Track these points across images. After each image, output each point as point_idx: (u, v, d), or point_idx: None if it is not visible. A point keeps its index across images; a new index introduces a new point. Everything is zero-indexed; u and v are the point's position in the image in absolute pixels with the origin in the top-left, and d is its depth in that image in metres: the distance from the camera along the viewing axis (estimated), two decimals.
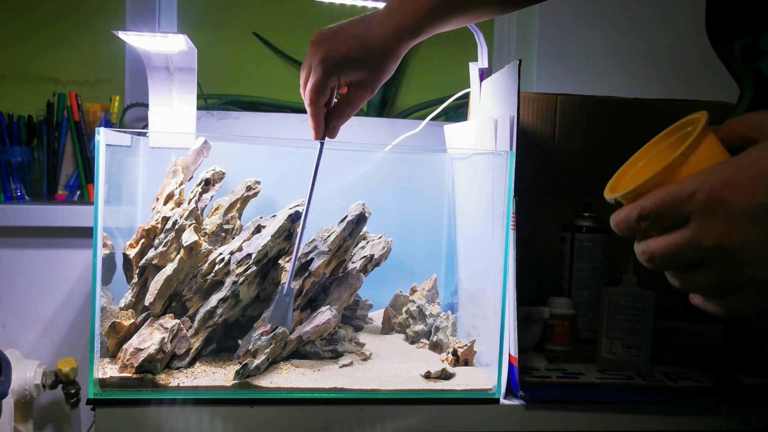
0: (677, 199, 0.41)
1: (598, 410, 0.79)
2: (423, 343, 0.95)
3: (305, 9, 1.48)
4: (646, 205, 0.42)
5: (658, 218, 0.42)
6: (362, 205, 0.91)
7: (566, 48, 1.37)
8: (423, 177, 1.13)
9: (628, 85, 1.36)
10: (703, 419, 0.80)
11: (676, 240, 0.42)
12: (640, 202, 0.43)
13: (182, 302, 0.83)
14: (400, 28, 0.74)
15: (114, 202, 0.86)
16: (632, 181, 0.45)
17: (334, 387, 0.77)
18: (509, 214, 0.78)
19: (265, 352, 0.78)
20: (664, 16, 1.40)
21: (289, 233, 0.87)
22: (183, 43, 0.92)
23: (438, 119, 1.09)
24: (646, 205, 0.43)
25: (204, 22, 1.47)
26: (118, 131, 0.88)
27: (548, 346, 0.98)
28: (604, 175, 1.26)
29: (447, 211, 1.11)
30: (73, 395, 1.18)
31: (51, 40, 1.39)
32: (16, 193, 1.24)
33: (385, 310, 1.03)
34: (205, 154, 0.93)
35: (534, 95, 1.10)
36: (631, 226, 0.44)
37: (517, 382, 0.78)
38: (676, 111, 1.12)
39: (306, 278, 0.86)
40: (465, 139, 1.01)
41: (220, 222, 0.91)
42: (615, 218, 0.45)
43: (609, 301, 0.90)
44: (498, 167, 0.82)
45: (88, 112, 1.27)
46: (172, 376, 0.76)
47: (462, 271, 1.04)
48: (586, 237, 1.03)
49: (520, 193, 0.78)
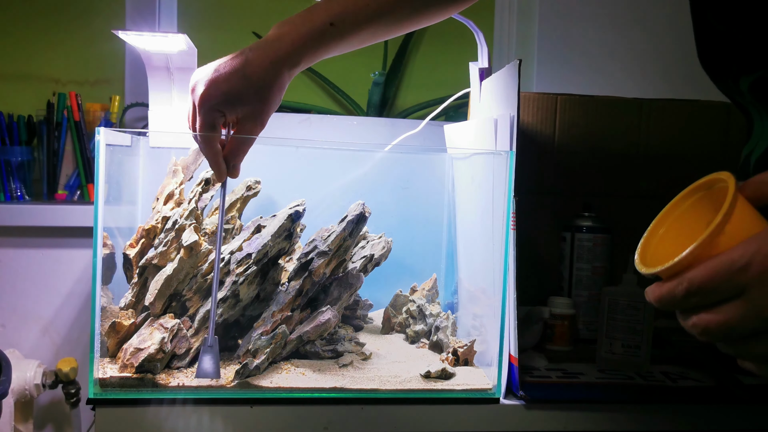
0: (729, 272, 0.41)
1: (598, 410, 0.79)
2: (423, 343, 0.95)
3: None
4: (695, 281, 0.42)
5: (710, 293, 0.42)
6: (362, 204, 0.91)
7: (566, 48, 1.37)
8: (423, 177, 1.13)
9: (629, 85, 1.36)
10: (703, 419, 0.80)
11: (733, 313, 0.42)
12: (686, 277, 0.42)
13: (182, 302, 0.83)
14: (278, 58, 0.72)
15: (114, 201, 0.86)
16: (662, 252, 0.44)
17: (334, 387, 0.77)
18: (509, 214, 0.78)
19: (265, 352, 0.78)
20: (664, 16, 1.40)
21: (289, 233, 0.87)
22: (183, 43, 0.92)
23: (438, 119, 1.09)
24: (694, 280, 0.42)
25: (204, 22, 1.47)
26: (118, 131, 0.88)
27: (548, 346, 0.98)
28: (604, 175, 1.27)
29: (447, 211, 1.11)
30: (73, 395, 1.18)
31: (51, 40, 1.39)
32: (16, 192, 1.24)
33: (385, 310, 1.03)
34: None
35: (534, 95, 1.10)
36: (677, 301, 0.43)
37: (517, 381, 0.77)
38: (676, 111, 1.12)
39: (306, 278, 0.86)
40: (465, 138, 1.01)
41: None
42: (655, 293, 0.45)
43: (609, 301, 0.90)
44: (498, 167, 0.82)
45: (88, 111, 1.27)
46: (172, 375, 0.76)
47: (462, 271, 1.04)
48: (586, 237, 1.03)
49: (520, 193, 0.78)
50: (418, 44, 1.51)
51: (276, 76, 0.72)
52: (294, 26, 0.73)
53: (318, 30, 0.73)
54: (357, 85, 1.48)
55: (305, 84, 1.50)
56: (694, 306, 0.43)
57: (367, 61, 1.50)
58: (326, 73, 1.47)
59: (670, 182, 1.13)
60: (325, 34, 0.73)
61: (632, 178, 1.13)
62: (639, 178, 1.13)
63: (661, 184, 1.13)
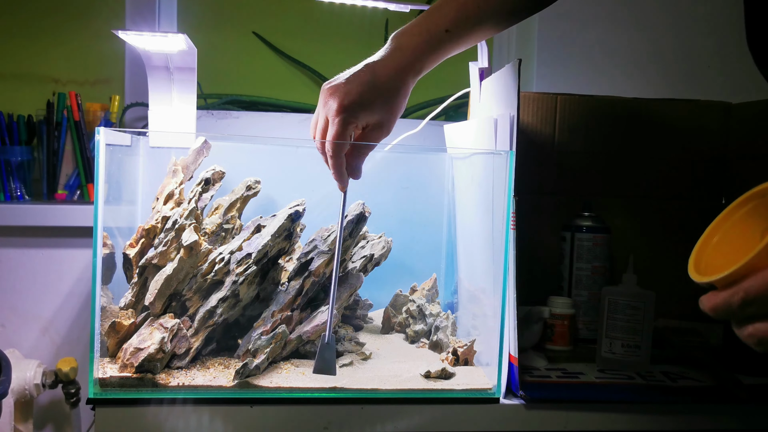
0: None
1: (598, 410, 0.79)
2: (423, 343, 0.95)
3: (305, 9, 1.48)
4: (752, 290, 0.42)
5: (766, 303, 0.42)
6: (362, 204, 0.91)
7: (566, 48, 1.37)
8: (423, 177, 1.13)
9: (629, 84, 1.36)
10: (703, 419, 0.80)
11: None
12: (742, 287, 0.42)
13: (182, 302, 0.83)
14: (402, 67, 0.78)
15: (114, 201, 0.86)
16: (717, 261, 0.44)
17: (334, 387, 0.77)
18: (509, 214, 0.78)
19: (265, 352, 0.78)
20: (664, 16, 1.40)
21: (289, 233, 0.87)
22: (183, 43, 0.92)
23: (438, 119, 1.09)
24: (751, 290, 0.42)
25: (204, 22, 1.47)
26: (118, 131, 0.88)
27: (548, 345, 0.98)
28: (604, 175, 1.27)
29: (447, 210, 1.11)
30: (73, 395, 1.18)
31: (51, 40, 1.39)
32: (16, 192, 1.24)
33: (385, 310, 1.03)
34: (205, 154, 0.93)
35: (534, 95, 1.10)
36: (732, 311, 0.43)
37: (517, 381, 0.77)
38: (676, 110, 1.13)
39: (306, 278, 0.86)
40: (465, 138, 1.01)
41: (220, 222, 0.91)
42: (710, 303, 0.45)
43: (609, 301, 0.90)
44: (498, 167, 0.82)
45: (88, 111, 1.27)
46: (172, 375, 0.76)
47: (462, 270, 1.04)
48: (586, 237, 1.03)
49: (520, 192, 0.78)
50: None
51: (402, 84, 0.79)
52: (412, 36, 0.79)
53: (435, 38, 0.78)
54: None
55: (305, 84, 1.50)
56: (750, 316, 0.43)
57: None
58: (326, 73, 1.47)
59: (671, 182, 1.13)
60: (442, 41, 0.79)
61: (632, 178, 1.13)
62: (639, 178, 1.13)
63: (661, 184, 1.13)
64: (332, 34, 1.48)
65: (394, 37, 0.80)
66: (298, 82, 1.49)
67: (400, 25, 0.81)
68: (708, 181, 1.14)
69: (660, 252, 1.09)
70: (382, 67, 0.78)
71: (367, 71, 0.77)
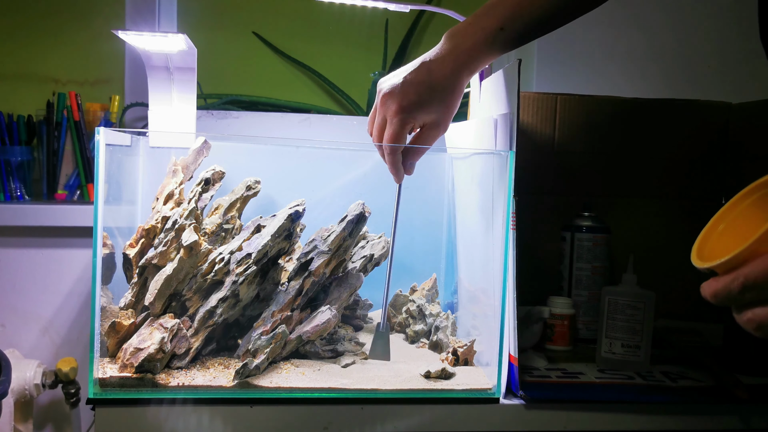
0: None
1: (598, 410, 0.79)
2: (423, 343, 0.95)
3: (305, 9, 1.48)
4: (751, 276, 0.42)
5: (766, 288, 0.42)
6: (362, 204, 0.91)
7: (566, 48, 1.37)
8: (423, 177, 1.12)
9: (628, 84, 1.36)
10: (703, 419, 0.80)
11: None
12: (742, 272, 0.43)
13: (182, 302, 0.83)
14: (457, 66, 0.79)
15: (114, 201, 0.86)
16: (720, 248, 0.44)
17: (334, 387, 0.77)
18: (509, 214, 0.78)
19: (264, 352, 0.78)
20: (663, 16, 1.40)
21: (289, 233, 0.87)
22: (183, 43, 0.92)
23: None
24: (750, 275, 0.42)
25: (204, 22, 1.47)
26: (118, 131, 0.88)
27: (548, 345, 0.98)
28: (604, 174, 1.27)
29: (447, 211, 1.11)
30: (73, 395, 1.18)
31: (51, 40, 1.39)
32: (16, 192, 1.24)
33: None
34: (205, 154, 0.93)
35: (534, 95, 1.10)
36: (732, 296, 0.43)
37: (517, 381, 0.77)
38: (675, 110, 1.13)
39: (306, 278, 0.86)
40: (465, 138, 1.01)
41: (220, 222, 0.91)
42: (711, 288, 0.45)
43: (609, 301, 0.90)
44: (498, 167, 0.82)
45: (87, 111, 1.27)
46: (172, 375, 0.76)
47: (462, 271, 1.04)
48: (586, 237, 1.03)
49: (520, 192, 0.78)
50: (417, 44, 1.51)
51: (458, 84, 0.80)
52: (466, 35, 0.79)
53: (490, 36, 0.79)
54: (357, 85, 1.48)
55: (305, 84, 1.50)
56: (750, 301, 0.43)
57: (366, 60, 1.49)
58: (326, 73, 1.47)
59: (671, 182, 1.13)
60: (497, 39, 0.79)
61: (632, 178, 1.13)
62: (639, 178, 1.13)
63: (661, 184, 1.13)
64: (332, 34, 1.48)
65: (449, 36, 0.80)
66: (298, 82, 1.49)
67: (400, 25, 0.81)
68: (708, 181, 1.14)
69: (660, 252, 1.09)
70: (439, 66, 0.79)
71: (424, 71, 0.79)
